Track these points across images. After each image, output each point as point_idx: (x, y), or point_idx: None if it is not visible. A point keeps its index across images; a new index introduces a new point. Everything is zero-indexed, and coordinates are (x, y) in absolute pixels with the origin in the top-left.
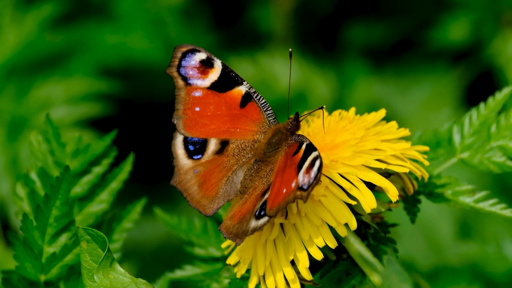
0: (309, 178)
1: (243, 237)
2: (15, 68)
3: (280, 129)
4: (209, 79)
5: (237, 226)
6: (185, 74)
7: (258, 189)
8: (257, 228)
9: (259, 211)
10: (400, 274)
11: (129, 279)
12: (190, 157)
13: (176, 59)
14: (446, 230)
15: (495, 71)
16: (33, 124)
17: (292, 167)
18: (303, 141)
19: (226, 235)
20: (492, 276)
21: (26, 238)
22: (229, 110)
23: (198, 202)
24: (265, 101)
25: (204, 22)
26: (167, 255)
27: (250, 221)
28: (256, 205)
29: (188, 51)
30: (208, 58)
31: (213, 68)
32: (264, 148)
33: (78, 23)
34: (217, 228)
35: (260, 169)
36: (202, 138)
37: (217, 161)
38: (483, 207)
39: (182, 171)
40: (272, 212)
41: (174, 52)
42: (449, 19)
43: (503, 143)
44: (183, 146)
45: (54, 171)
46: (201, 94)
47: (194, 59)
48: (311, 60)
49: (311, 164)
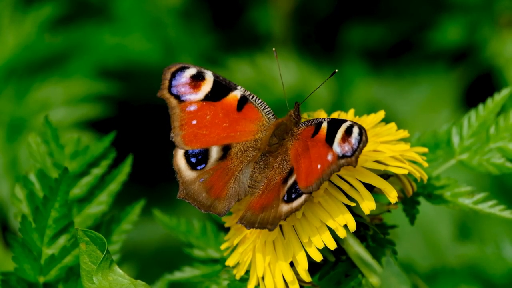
0: (350, 145)
1: (275, 222)
2: (14, 69)
3: (283, 122)
4: (202, 92)
5: (262, 216)
6: (177, 92)
7: (274, 179)
8: (293, 210)
9: (288, 196)
10: (399, 276)
11: (128, 280)
12: (193, 169)
13: (166, 81)
14: (445, 231)
15: (494, 72)
16: (32, 125)
17: (318, 145)
18: (320, 121)
19: (249, 226)
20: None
21: (25, 239)
22: (226, 116)
23: (209, 206)
24: (262, 101)
25: (203, 23)
26: (166, 257)
27: (278, 207)
28: (279, 192)
29: (177, 70)
30: (198, 72)
31: (204, 80)
32: (269, 141)
33: (77, 24)
34: (216, 230)
35: (268, 161)
36: (203, 148)
37: (221, 166)
38: (482, 209)
39: (187, 183)
40: (312, 188)
41: (163, 74)
42: (448, 20)
43: (502, 145)
44: (185, 160)
45: (53, 173)
46: (196, 107)
47: (184, 76)
48: (310, 61)
49: (346, 132)
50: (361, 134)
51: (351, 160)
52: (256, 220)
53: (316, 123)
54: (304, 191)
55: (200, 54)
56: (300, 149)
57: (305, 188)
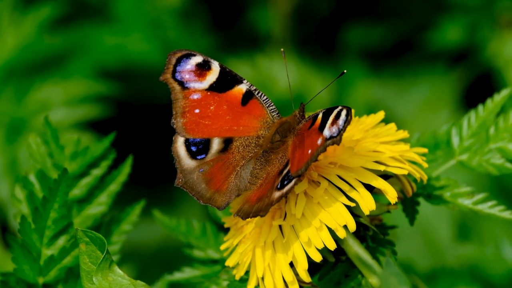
0: (337, 126)
1: (267, 208)
2: (14, 70)
3: (287, 120)
4: (207, 81)
5: (257, 205)
6: (181, 78)
7: (272, 173)
8: (284, 195)
9: (281, 184)
10: (399, 276)
11: (128, 281)
12: (193, 158)
13: (170, 65)
14: (445, 232)
15: (494, 73)
16: (32, 126)
17: (312, 134)
18: (317, 114)
19: (244, 217)
20: (490, 278)
21: (24, 240)
22: (230, 109)
23: (208, 198)
24: (267, 98)
25: (202, 24)
26: (166, 257)
27: (272, 195)
28: (274, 183)
29: (183, 56)
30: (205, 61)
31: (210, 70)
32: (272, 138)
33: (76, 25)
34: (216, 231)
35: (269, 158)
36: (204, 138)
37: (222, 159)
38: (482, 209)
39: (186, 171)
40: (300, 171)
41: (168, 58)
42: (447, 21)
43: (501, 145)
44: (185, 148)
45: (53, 173)
46: (200, 96)
47: (189, 63)
48: (310, 62)
49: (335, 117)
50: (347, 115)
51: (336, 139)
52: (251, 211)
53: (314, 116)
54: (294, 175)
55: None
56: (298, 142)
57: (295, 172)
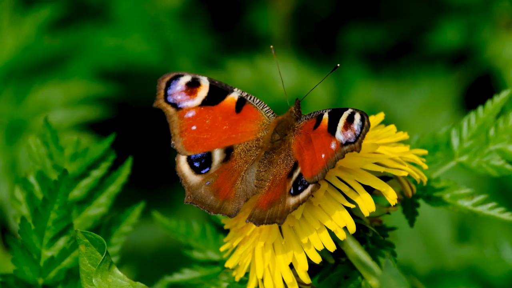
0: (353, 131)
1: (284, 216)
2: (14, 71)
3: (283, 118)
4: (199, 97)
5: (270, 211)
6: (173, 100)
7: (279, 174)
8: (301, 202)
9: (294, 189)
10: (398, 278)
11: (128, 282)
12: (198, 173)
13: (161, 91)
14: (445, 233)
15: (493, 74)
16: (32, 127)
17: (320, 136)
18: (321, 113)
19: (258, 222)
20: (490, 279)
21: (24, 241)
22: (226, 119)
23: (218, 208)
24: (260, 100)
25: (202, 25)
26: (165, 259)
27: (286, 201)
28: (285, 187)
29: (171, 79)
30: (193, 79)
31: (200, 86)
32: (271, 138)
33: (76, 26)
34: (215, 232)
35: (272, 159)
36: (205, 152)
37: (226, 168)
38: (481, 211)
39: (193, 187)
40: (318, 177)
41: (158, 84)
42: (447, 22)
43: (501, 147)
44: (188, 165)
45: (53, 175)
46: (194, 113)
47: (179, 84)
48: (309, 63)
49: (347, 120)
50: (363, 120)
51: (354, 146)
52: (264, 217)
53: (317, 115)
54: (309, 181)
55: (199, 56)
56: (303, 142)
57: (310, 178)
